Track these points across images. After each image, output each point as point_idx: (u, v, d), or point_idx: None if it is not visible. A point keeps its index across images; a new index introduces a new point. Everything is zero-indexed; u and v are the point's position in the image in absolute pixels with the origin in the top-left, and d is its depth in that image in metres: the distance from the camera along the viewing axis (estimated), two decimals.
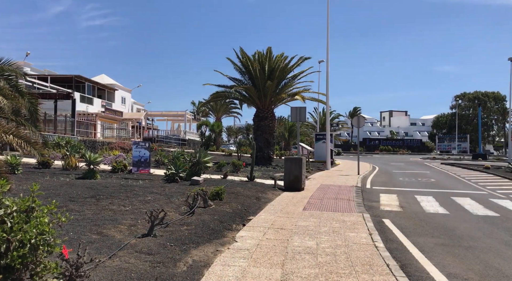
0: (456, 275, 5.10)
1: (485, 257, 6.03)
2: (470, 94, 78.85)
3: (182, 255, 5.08)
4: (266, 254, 5.46)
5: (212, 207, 8.46)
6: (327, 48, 24.04)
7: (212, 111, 55.14)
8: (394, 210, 10.31)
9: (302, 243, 6.18)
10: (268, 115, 24.31)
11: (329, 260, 5.29)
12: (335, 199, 11.45)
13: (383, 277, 4.67)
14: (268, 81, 22.83)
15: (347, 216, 8.75)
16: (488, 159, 47.14)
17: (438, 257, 5.94)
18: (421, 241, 6.95)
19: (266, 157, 23.88)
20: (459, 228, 8.22)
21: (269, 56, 23.80)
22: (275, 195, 11.55)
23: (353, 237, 6.71)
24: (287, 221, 7.89)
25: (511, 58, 37.37)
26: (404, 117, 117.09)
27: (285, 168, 13.36)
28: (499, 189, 15.95)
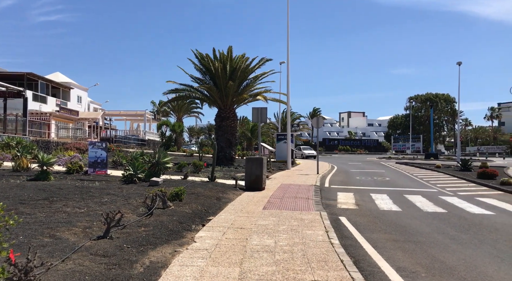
0: (405, 269, 5.37)
1: (432, 251, 6.38)
2: (423, 96, 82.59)
3: (139, 257, 5.02)
4: (224, 254, 5.51)
5: (171, 208, 8.38)
6: (287, 50, 24.43)
7: (173, 111, 54.32)
8: (350, 208, 10.65)
9: (261, 241, 6.27)
10: (230, 115, 24.33)
11: (286, 257, 5.42)
12: (294, 198, 11.66)
13: (337, 273, 4.85)
14: (229, 81, 22.85)
15: (305, 214, 8.95)
16: (439, 158, 49.59)
17: (390, 252, 6.23)
18: (374, 237, 7.25)
19: (228, 157, 23.89)
20: (410, 224, 8.63)
21: (230, 55, 23.82)
22: (236, 195, 11.60)
23: (310, 234, 6.89)
24: (247, 221, 7.97)
25: (459, 63, 39.54)
26: (362, 118, 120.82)
27: (246, 168, 13.45)
28: (448, 187, 16.86)
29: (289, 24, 24.35)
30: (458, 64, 39.53)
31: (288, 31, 24.38)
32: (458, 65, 39.65)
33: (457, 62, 39.56)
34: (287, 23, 24.37)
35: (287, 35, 24.39)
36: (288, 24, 24.36)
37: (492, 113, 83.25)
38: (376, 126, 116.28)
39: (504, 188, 15.93)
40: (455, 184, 18.13)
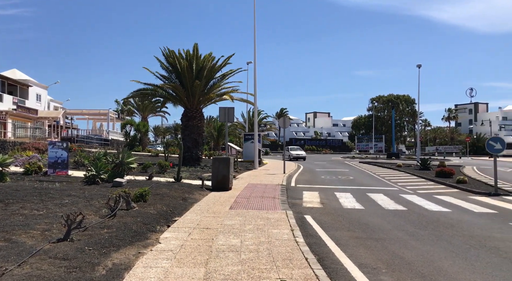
0: (366, 265, 5.54)
1: (393, 247, 6.61)
2: (385, 97, 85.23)
3: (101, 259, 4.90)
4: (190, 254, 5.47)
5: (136, 209, 8.22)
6: (254, 50, 24.53)
7: (138, 110, 53.23)
8: (315, 207, 10.84)
9: (227, 241, 6.28)
10: (196, 115, 24.11)
11: (252, 256, 5.45)
12: (261, 197, 11.73)
13: (302, 271, 4.93)
14: (196, 80, 22.65)
15: (271, 213, 9.03)
16: (401, 158, 51.29)
17: (352, 249, 6.39)
18: (338, 235, 7.42)
19: (195, 158, 23.67)
20: (372, 222, 8.90)
21: (196, 54, 23.61)
22: (202, 195, 11.53)
23: (276, 233, 6.97)
24: (213, 221, 7.94)
25: (419, 65, 41.13)
26: (327, 118, 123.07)
27: (213, 168, 13.40)
28: (408, 185, 17.49)
29: (255, 25, 24.50)
30: (418, 66, 41.09)
31: (254, 31, 24.50)
32: (418, 68, 41.22)
33: (417, 65, 41.14)
34: (254, 24, 24.48)
35: (253, 35, 24.51)
36: (254, 24, 24.47)
37: (450, 114, 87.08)
38: (340, 126, 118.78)
39: (460, 186, 16.72)
40: (415, 183, 18.84)
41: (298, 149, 45.97)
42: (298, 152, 42.86)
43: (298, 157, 41.12)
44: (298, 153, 42.61)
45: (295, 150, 44.38)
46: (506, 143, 16.44)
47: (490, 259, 6.00)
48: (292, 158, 40.58)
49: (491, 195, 14.21)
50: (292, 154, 41.71)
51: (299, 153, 42.35)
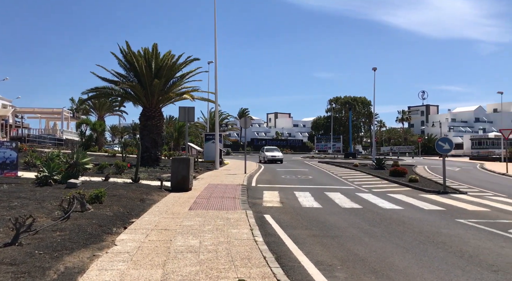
0: (322, 262, 5.69)
1: (348, 244, 6.84)
2: (342, 98, 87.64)
3: (52, 263, 4.72)
4: (147, 256, 5.39)
5: (91, 211, 7.97)
6: (215, 49, 24.43)
7: (94, 109, 51.39)
8: (275, 206, 10.99)
9: (186, 242, 6.23)
10: (155, 115, 23.66)
11: (210, 257, 5.45)
12: (221, 197, 11.73)
13: (260, 269, 4.99)
14: (155, 79, 22.22)
15: (231, 213, 9.05)
16: (357, 157, 52.93)
17: (310, 247, 6.55)
18: (296, 233, 7.57)
19: (154, 158, 23.22)
20: (329, 220, 9.14)
21: (155, 53, 23.17)
22: (161, 196, 11.36)
23: (235, 233, 7.00)
24: (171, 222, 7.85)
25: (374, 68, 42.59)
26: (288, 118, 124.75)
27: (173, 169, 13.22)
28: (364, 184, 18.10)
29: (216, 24, 24.40)
30: (374, 69, 42.53)
31: (215, 30, 24.39)
32: (373, 71, 42.66)
33: (373, 68, 42.53)
34: (214, 23, 24.37)
35: (214, 34, 24.40)
36: (215, 23, 24.36)
37: (403, 115, 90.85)
38: (301, 126, 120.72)
39: (411, 185, 17.51)
40: (370, 182, 19.52)
41: (274, 150, 38.16)
42: (274, 154, 35.75)
43: (273, 160, 34.48)
44: (274, 154, 35.61)
45: (271, 151, 37.07)
46: (454, 144, 17.42)
47: (437, 253, 6.35)
48: (267, 161, 34.25)
49: (440, 193, 14.99)
50: (266, 156, 35.20)
51: (275, 155, 35.44)
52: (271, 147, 40.54)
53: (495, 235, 7.81)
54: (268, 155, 35.43)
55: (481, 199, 13.72)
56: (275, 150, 38.02)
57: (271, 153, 35.84)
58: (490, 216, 10.05)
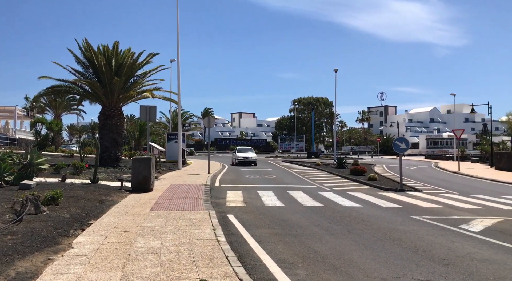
0: (284, 260, 5.77)
1: (309, 242, 6.97)
2: (305, 99, 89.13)
3: (2, 268, 4.49)
4: (106, 258, 5.25)
5: (46, 213, 7.65)
6: (177, 48, 24.10)
7: (50, 107, 49.25)
8: (238, 206, 11.00)
9: (146, 243, 6.13)
10: (115, 113, 23.02)
11: (172, 258, 5.39)
12: (184, 198, 11.60)
13: (222, 269, 4.99)
14: (115, 77, 21.63)
15: (194, 214, 8.98)
16: (320, 157, 54.03)
17: (272, 246, 6.62)
18: (259, 232, 7.63)
19: (113, 158, 22.59)
20: (291, 218, 9.27)
21: (115, 50, 22.55)
22: (121, 197, 11.08)
23: (198, 233, 6.96)
24: (132, 223, 7.69)
25: (335, 70, 43.58)
26: (252, 118, 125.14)
27: (133, 169, 12.94)
28: (325, 183, 18.49)
29: (178, 21, 24.06)
30: (335, 71, 43.50)
31: (177, 27, 24.03)
32: (335, 72, 43.63)
33: (334, 69, 43.49)
34: (177, 20, 23.99)
35: (177, 32, 24.04)
36: (177, 20, 23.97)
37: (363, 116, 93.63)
38: (265, 126, 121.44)
39: (371, 183, 18.08)
40: (332, 180, 19.97)
41: (247, 150, 33.39)
42: (247, 155, 31.55)
43: (245, 162, 30.62)
44: (247, 156, 31.42)
45: (243, 151, 32.60)
46: (410, 143, 18.16)
47: (393, 249, 6.60)
48: (238, 163, 30.57)
49: (397, 191, 15.58)
50: (238, 158, 31.00)
51: (247, 156, 31.31)
52: (244, 147, 35.21)
53: (446, 230, 8.22)
54: (239, 156, 31.12)
55: (435, 196, 14.39)
56: (249, 150, 33.25)
57: (243, 154, 31.59)
58: (443, 213, 10.57)
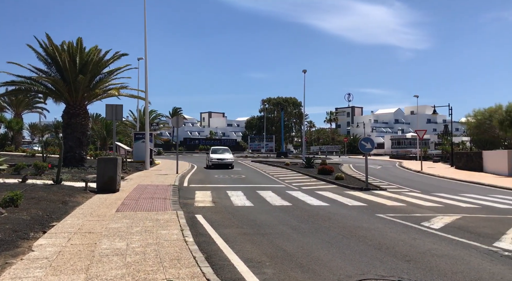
0: (252, 260, 5.80)
1: (277, 241, 7.03)
2: (275, 99, 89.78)
3: None
4: (68, 261, 5.09)
5: (4, 215, 7.33)
6: (145, 46, 23.65)
7: (10, 105, 47.13)
8: (207, 206, 10.95)
9: (112, 245, 5.99)
10: (80, 112, 22.34)
11: (138, 259, 5.30)
12: (151, 198, 11.42)
13: (189, 269, 4.96)
14: (80, 75, 20.98)
15: (161, 214, 8.86)
16: (289, 156, 54.49)
17: (240, 245, 6.63)
18: (227, 232, 7.62)
19: (78, 158, 21.93)
20: (260, 218, 9.32)
21: (80, 47, 21.88)
22: (86, 198, 10.78)
23: (165, 234, 6.87)
24: (97, 224, 7.49)
25: (304, 71, 44.19)
26: (222, 118, 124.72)
27: (99, 169, 12.62)
28: (294, 182, 18.70)
29: (146, 18, 23.59)
30: (304, 72, 44.09)
31: (145, 24, 23.59)
32: (303, 73, 44.22)
33: (303, 70, 44.11)
34: (144, 16, 23.53)
35: (144, 29, 23.61)
36: (145, 16, 23.50)
37: (331, 116, 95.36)
38: (235, 126, 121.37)
39: (338, 182, 18.44)
40: (300, 180, 20.22)
41: (223, 150, 29.47)
42: (223, 156, 27.91)
43: (221, 164, 27.12)
44: (223, 157, 27.76)
45: (218, 152, 28.84)
46: (376, 143, 18.67)
47: (358, 247, 6.77)
48: (212, 166, 26.96)
49: (363, 190, 15.97)
50: (212, 159, 27.24)
51: (223, 158, 27.66)
52: (219, 148, 31.19)
53: (409, 228, 8.51)
54: (213, 158, 27.37)
55: (399, 195, 14.85)
56: (225, 151, 29.41)
57: (218, 156, 27.89)
58: (406, 211, 10.93)
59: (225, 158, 27.79)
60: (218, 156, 27.91)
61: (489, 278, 5.20)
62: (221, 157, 27.81)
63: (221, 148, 30.60)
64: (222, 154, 28.50)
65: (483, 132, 43.91)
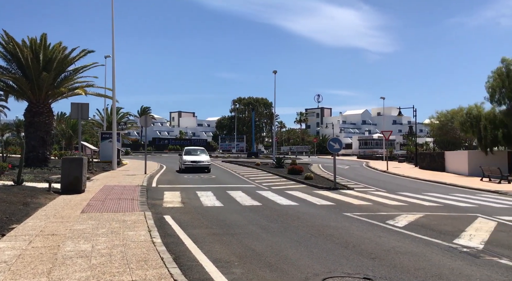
0: (220, 260, 5.79)
1: (246, 241, 7.04)
2: (245, 99, 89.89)
3: None
4: (29, 264, 4.91)
5: None
6: (112, 43, 23.10)
7: None
8: (176, 206, 10.82)
9: (76, 247, 5.82)
10: (44, 111, 21.59)
11: (104, 261, 5.17)
12: (118, 199, 11.17)
13: (156, 271, 4.89)
14: (43, 73, 20.26)
15: (128, 215, 8.69)
16: (259, 156, 54.75)
17: (209, 246, 6.60)
18: (196, 232, 7.57)
19: (41, 158, 21.18)
20: (230, 218, 9.31)
21: (44, 44, 21.14)
22: (49, 199, 10.42)
23: (132, 235, 6.74)
24: (61, 226, 7.26)
25: (275, 71, 44.42)
26: (192, 118, 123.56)
27: (63, 169, 12.23)
28: (264, 182, 18.78)
29: (113, 14, 23.05)
30: (274, 72, 44.31)
31: (112, 23, 23.06)
32: (274, 74, 44.46)
33: (273, 71, 44.27)
34: (112, 15, 23.01)
35: (112, 25, 23.06)
36: (112, 16, 22.98)
37: (301, 117, 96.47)
38: (205, 126, 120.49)
39: (307, 182, 18.68)
40: (270, 180, 20.34)
41: (198, 152, 26.42)
42: (198, 158, 24.77)
43: (197, 167, 23.95)
44: (197, 160, 24.51)
45: (193, 154, 25.71)
46: (344, 144, 19.06)
47: (326, 245, 6.89)
48: (186, 169, 23.82)
49: (331, 189, 16.26)
50: (185, 162, 24.10)
51: (199, 160, 24.47)
52: (193, 148, 28.02)
53: (375, 226, 8.73)
54: (187, 160, 24.17)
55: (365, 194, 15.22)
56: (200, 152, 26.34)
57: (192, 157, 24.71)
58: (372, 209, 11.21)
59: (201, 160, 24.59)
60: (193, 158, 24.68)
61: (449, 273, 5.42)
62: (196, 159, 24.60)
63: (196, 149, 27.39)
64: (197, 155, 25.39)
65: (445, 133, 45.61)
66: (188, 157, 24.57)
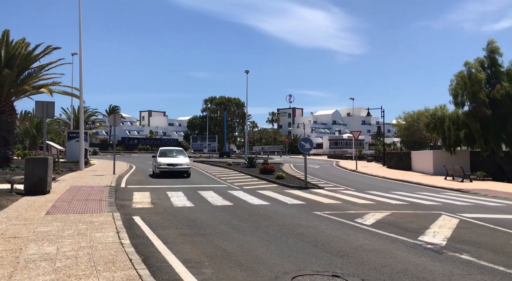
0: (190, 260, 5.74)
1: (217, 241, 7.02)
2: (218, 99, 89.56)
3: None
4: None
5: None
6: (79, 39, 22.45)
7: None
8: (145, 207, 10.65)
9: (40, 250, 5.63)
10: (6, 109, 20.75)
11: (69, 263, 5.03)
12: (85, 200, 10.88)
13: (125, 272, 4.80)
14: (5, 69, 19.47)
15: (96, 216, 8.48)
16: (231, 156, 54.64)
17: (179, 246, 6.53)
18: (166, 233, 7.47)
19: (3, 158, 20.36)
20: (201, 218, 9.25)
21: (6, 40, 20.33)
22: (11, 201, 10.02)
23: (100, 237, 6.59)
24: (23, 228, 7.00)
25: (247, 71, 44.55)
26: (163, 117, 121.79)
27: (27, 170, 11.80)
28: (236, 182, 18.77)
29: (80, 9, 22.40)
30: (246, 72, 44.42)
31: (80, 18, 22.39)
32: (246, 73, 44.54)
33: (245, 71, 44.41)
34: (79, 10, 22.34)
35: (79, 20, 22.39)
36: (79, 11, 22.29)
37: (273, 117, 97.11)
38: (176, 126, 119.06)
39: (278, 182, 18.82)
40: (242, 179, 20.35)
41: (175, 153, 22.87)
42: (175, 161, 21.21)
43: (173, 172, 20.50)
44: (174, 162, 21.08)
45: (169, 155, 22.22)
46: (315, 143, 19.32)
47: (296, 244, 6.96)
48: (161, 173, 20.46)
49: (302, 189, 16.45)
50: (160, 165, 20.60)
51: (175, 163, 21.00)
52: (169, 148, 24.31)
53: (344, 224, 8.90)
54: (162, 163, 20.73)
55: (335, 193, 15.49)
56: (178, 153, 22.88)
57: (168, 159, 21.28)
58: (341, 208, 11.42)
59: (179, 163, 21.04)
60: (169, 160, 21.17)
61: (413, 269, 5.60)
62: (173, 161, 21.07)
63: (172, 150, 23.81)
64: (175, 157, 21.96)
65: (412, 133, 47.08)
66: (163, 160, 21.07)
